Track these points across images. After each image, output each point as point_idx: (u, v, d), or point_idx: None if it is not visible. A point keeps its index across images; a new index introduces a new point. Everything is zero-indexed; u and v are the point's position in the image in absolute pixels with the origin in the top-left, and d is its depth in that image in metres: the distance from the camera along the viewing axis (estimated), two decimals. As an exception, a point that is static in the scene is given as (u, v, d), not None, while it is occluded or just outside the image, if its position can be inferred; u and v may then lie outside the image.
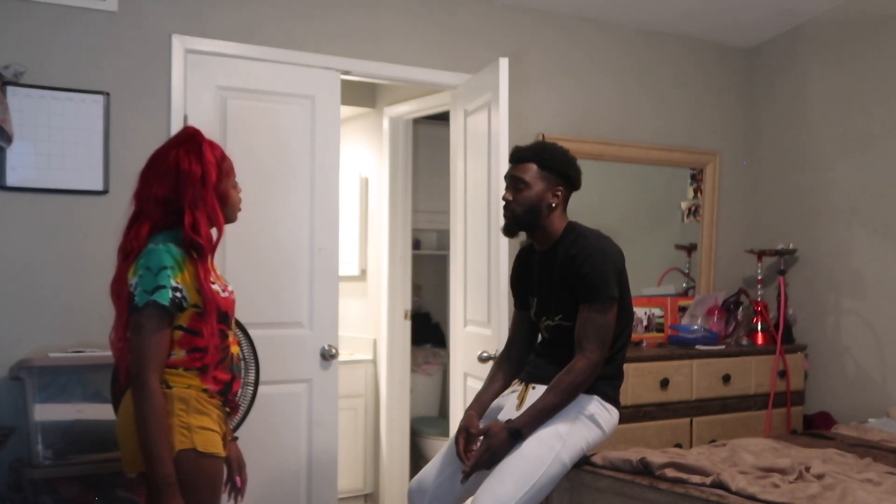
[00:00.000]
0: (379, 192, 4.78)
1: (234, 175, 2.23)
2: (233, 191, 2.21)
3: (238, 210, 2.24)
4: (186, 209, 2.06)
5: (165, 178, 2.08)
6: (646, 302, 4.17)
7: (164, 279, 1.98)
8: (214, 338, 2.08)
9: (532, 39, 4.00)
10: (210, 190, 2.09)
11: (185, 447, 2.00)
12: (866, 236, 4.08)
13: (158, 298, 1.97)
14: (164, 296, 1.98)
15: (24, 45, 2.97)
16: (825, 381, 4.24)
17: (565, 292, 2.57)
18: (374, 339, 4.76)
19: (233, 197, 2.21)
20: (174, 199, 2.07)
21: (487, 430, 2.49)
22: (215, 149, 2.16)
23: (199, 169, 2.08)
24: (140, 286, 1.98)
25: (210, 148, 2.14)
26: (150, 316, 1.97)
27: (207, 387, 2.08)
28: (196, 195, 2.07)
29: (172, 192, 2.07)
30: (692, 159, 4.46)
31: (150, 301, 1.97)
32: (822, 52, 4.29)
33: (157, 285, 1.98)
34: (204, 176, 2.08)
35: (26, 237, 2.97)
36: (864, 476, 2.53)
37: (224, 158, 2.18)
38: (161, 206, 2.08)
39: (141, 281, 1.99)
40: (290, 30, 3.44)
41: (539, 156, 2.61)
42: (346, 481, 4.39)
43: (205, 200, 2.08)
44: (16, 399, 2.82)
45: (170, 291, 1.98)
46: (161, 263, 1.99)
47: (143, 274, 1.99)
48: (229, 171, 2.20)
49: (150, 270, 1.99)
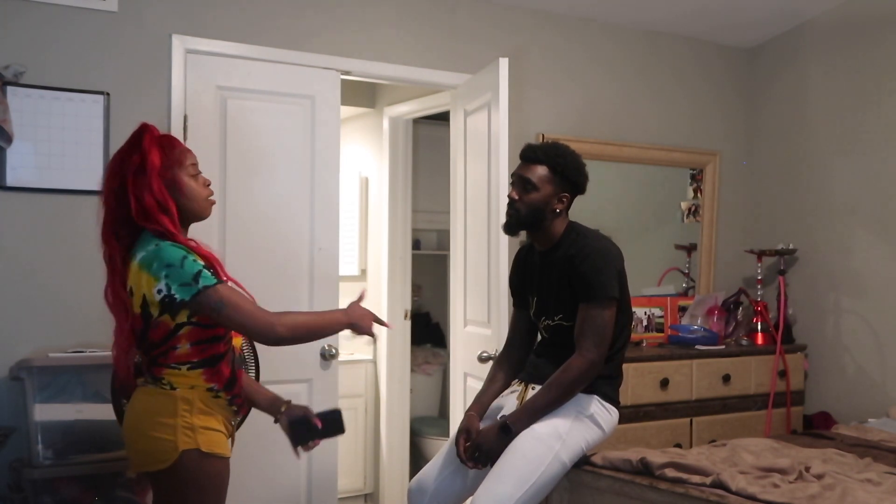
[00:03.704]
0: (379, 192, 4.78)
1: (194, 166, 2.16)
2: (190, 180, 2.13)
3: (205, 203, 2.17)
4: (131, 196, 2.03)
5: (113, 174, 2.08)
6: (646, 302, 4.17)
7: (192, 266, 1.99)
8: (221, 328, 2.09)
9: (532, 39, 4.00)
10: (153, 176, 2.04)
11: (188, 447, 2.00)
12: (866, 236, 4.08)
13: (206, 282, 1.99)
14: (208, 277, 2.00)
15: (24, 45, 2.97)
16: (825, 381, 4.24)
17: (565, 292, 2.57)
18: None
19: (190, 186, 2.12)
20: (122, 194, 2.05)
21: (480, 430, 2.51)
22: (165, 139, 2.13)
23: (138, 157, 2.05)
24: (175, 284, 1.97)
25: (155, 138, 2.10)
26: (215, 293, 1.99)
27: (212, 385, 2.08)
28: (139, 182, 2.04)
29: (119, 187, 2.06)
30: (692, 159, 4.46)
31: (202, 287, 1.98)
32: (822, 52, 4.29)
33: (194, 272, 1.98)
34: (143, 163, 2.05)
35: (26, 237, 2.97)
36: (864, 476, 2.54)
37: (175, 147, 2.13)
38: (112, 199, 2.07)
39: (172, 280, 1.97)
40: (290, 30, 3.44)
41: (552, 159, 2.60)
42: (346, 481, 4.39)
43: (150, 187, 2.04)
44: (16, 399, 2.82)
45: (208, 272, 2.00)
46: (177, 256, 1.99)
47: (169, 273, 1.97)
48: (181, 160, 2.12)
49: (174, 266, 1.98)
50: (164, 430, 2.01)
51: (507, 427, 2.47)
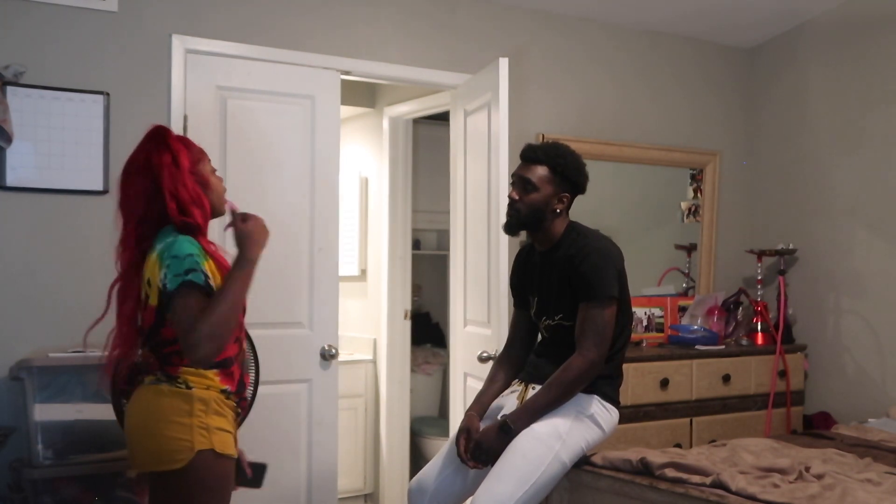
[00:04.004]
0: (379, 192, 4.78)
1: (210, 161, 2.21)
2: (213, 176, 2.19)
3: (223, 199, 2.22)
4: (167, 195, 2.05)
5: (139, 176, 2.09)
6: (646, 302, 4.17)
7: (192, 263, 1.99)
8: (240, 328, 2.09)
9: (532, 39, 4.00)
10: (186, 173, 2.09)
11: (204, 448, 2.00)
12: (866, 236, 4.08)
13: (193, 278, 1.98)
14: (199, 277, 1.99)
15: (24, 45, 2.97)
16: (825, 381, 4.23)
17: (565, 292, 2.57)
18: (374, 339, 4.76)
19: (213, 182, 2.18)
20: (153, 191, 2.07)
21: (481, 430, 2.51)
22: (183, 139, 2.18)
23: (169, 156, 2.08)
24: (170, 273, 1.98)
25: (176, 137, 2.15)
26: (187, 295, 1.97)
27: (226, 387, 2.08)
28: (174, 180, 2.07)
29: (151, 186, 2.07)
30: (692, 159, 4.46)
31: (185, 281, 1.97)
32: (822, 52, 4.29)
33: (188, 268, 1.98)
34: (175, 160, 2.08)
35: (26, 237, 2.97)
36: (864, 476, 2.54)
37: (193, 144, 2.18)
38: (142, 201, 2.08)
39: (170, 270, 1.98)
40: (290, 30, 3.44)
41: (553, 160, 2.61)
42: (346, 481, 4.39)
43: (184, 184, 2.08)
44: (16, 399, 2.82)
45: (201, 274, 1.99)
46: (186, 251, 2.00)
47: (171, 263, 1.99)
48: (202, 157, 2.17)
49: (178, 258, 1.99)
50: (179, 430, 2.00)
51: (507, 427, 2.47)
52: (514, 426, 2.47)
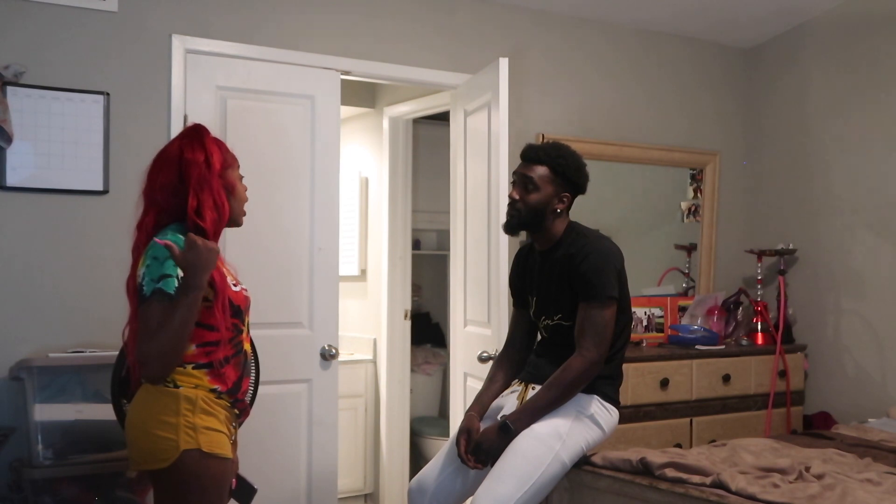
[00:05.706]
0: (379, 192, 4.78)
1: (239, 167, 2.23)
2: (239, 183, 2.21)
3: (244, 207, 2.24)
4: (191, 192, 2.06)
5: (170, 167, 2.10)
6: (646, 302, 4.17)
7: (170, 268, 1.98)
8: (228, 331, 2.08)
9: (532, 39, 4.00)
10: (215, 175, 2.10)
11: (189, 447, 2.00)
12: (866, 236, 4.08)
13: (164, 287, 1.97)
14: (170, 284, 1.98)
15: (24, 45, 2.97)
16: (825, 381, 4.23)
17: (565, 292, 2.58)
18: (374, 339, 4.76)
19: (239, 189, 2.21)
20: (179, 185, 2.08)
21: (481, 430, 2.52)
22: (218, 141, 2.19)
23: (203, 155, 2.10)
24: (147, 276, 1.99)
25: (212, 139, 2.17)
26: (152, 304, 1.97)
27: (216, 387, 2.08)
28: (201, 179, 2.08)
29: (177, 179, 2.08)
30: (692, 159, 4.46)
31: (156, 289, 1.97)
32: (822, 52, 4.29)
33: (163, 274, 1.98)
34: (208, 160, 2.10)
35: (26, 237, 2.97)
36: (864, 476, 2.53)
37: (227, 149, 2.20)
38: (167, 192, 2.09)
39: (148, 271, 1.99)
40: (290, 30, 3.44)
41: (554, 160, 2.61)
42: (346, 481, 4.39)
43: (210, 185, 2.09)
44: (16, 399, 2.82)
45: (175, 280, 1.98)
46: (165, 253, 1.99)
47: (151, 264, 1.99)
48: (233, 163, 2.20)
49: (158, 260, 1.99)
50: (166, 428, 2.00)
51: (507, 427, 2.47)
52: (514, 426, 2.47)
